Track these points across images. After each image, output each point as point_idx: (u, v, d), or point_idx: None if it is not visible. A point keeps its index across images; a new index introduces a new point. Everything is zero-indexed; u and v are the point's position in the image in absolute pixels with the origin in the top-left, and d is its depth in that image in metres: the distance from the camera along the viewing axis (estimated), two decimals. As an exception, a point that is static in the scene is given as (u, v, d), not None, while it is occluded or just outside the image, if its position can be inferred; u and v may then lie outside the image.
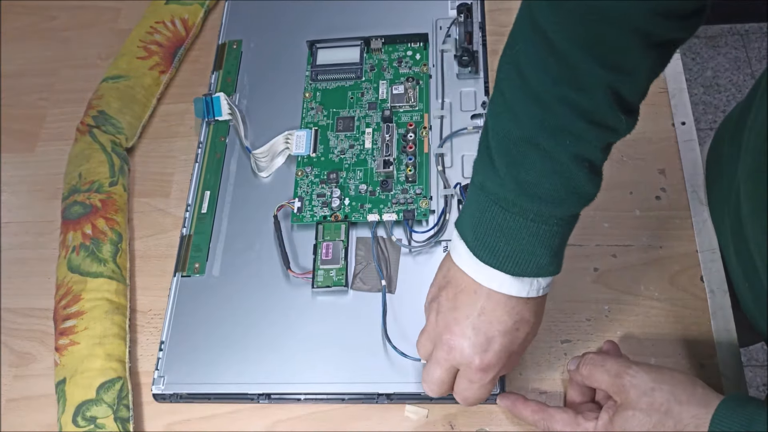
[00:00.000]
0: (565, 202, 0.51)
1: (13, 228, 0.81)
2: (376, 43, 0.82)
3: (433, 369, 0.57)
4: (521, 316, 0.54)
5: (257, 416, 0.66)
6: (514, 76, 0.51)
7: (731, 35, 1.90)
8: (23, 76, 0.92)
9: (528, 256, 0.52)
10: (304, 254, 0.72)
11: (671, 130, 0.75)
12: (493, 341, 0.54)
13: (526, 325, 0.55)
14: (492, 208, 0.52)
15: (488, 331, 0.54)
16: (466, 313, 0.55)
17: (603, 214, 0.72)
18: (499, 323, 0.54)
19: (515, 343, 0.55)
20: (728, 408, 0.51)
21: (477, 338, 0.54)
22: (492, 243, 0.53)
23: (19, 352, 0.73)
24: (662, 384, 0.54)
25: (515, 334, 0.55)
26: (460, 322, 0.55)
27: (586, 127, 0.50)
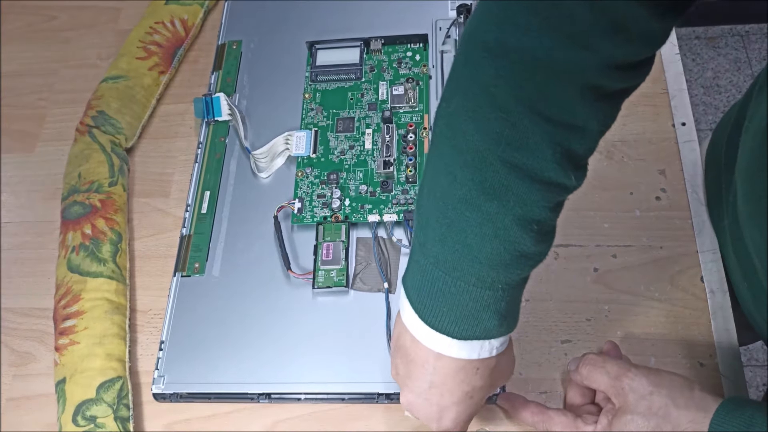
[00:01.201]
0: (510, 266, 0.48)
1: (12, 228, 0.81)
2: (375, 44, 0.82)
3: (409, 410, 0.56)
4: (472, 386, 0.52)
5: (257, 416, 0.66)
6: (450, 134, 0.47)
7: (731, 36, 1.91)
8: (23, 76, 0.92)
9: (473, 321, 0.49)
10: (305, 255, 0.72)
11: (671, 130, 0.75)
12: (446, 411, 0.53)
13: (480, 391, 0.53)
14: (433, 270, 0.49)
15: (440, 403, 0.52)
16: (418, 385, 0.53)
17: (603, 215, 0.72)
18: (451, 395, 0.52)
19: (471, 407, 0.54)
20: (727, 411, 0.51)
21: (430, 409, 0.53)
22: (435, 306, 0.49)
23: (19, 351, 0.73)
24: (661, 388, 0.54)
25: (469, 402, 0.53)
26: (413, 390, 0.53)
27: (530, 188, 0.46)
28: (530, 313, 0.68)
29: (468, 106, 0.46)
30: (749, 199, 0.57)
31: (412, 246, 0.52)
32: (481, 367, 0.52)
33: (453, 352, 0.50)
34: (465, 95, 0.46)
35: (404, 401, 0.55)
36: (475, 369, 0.51)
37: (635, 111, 0.77)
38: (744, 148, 0.58)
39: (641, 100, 0.77)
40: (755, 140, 0.54)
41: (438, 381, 0.52)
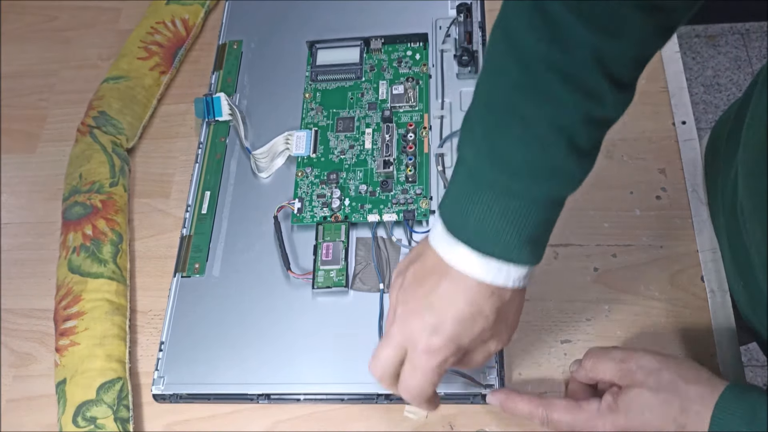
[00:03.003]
0: (539, 179, 0.48)
1: (13, 229, 0.81)
2: (375, 44, 0.82)
3: (383, 345, 0.54)
4: (479, 308, 0.50)
5: (257, 416, 0.66)
6: (500, 38, 0.50)
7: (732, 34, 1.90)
8: (23, 77, 0.92)
9: (495, 233, 0.49)
10: (305, 255, 0.72)
11: (671, 129, 0.75)
12: (443, 324, 0.51)
13: (483, 320, 0.51)
14: (467, 180, 0.50)
15: (441, 313, 0.51)
16: (426, 291, 0.52)
17: (603, 214, 0.72)
18: (455, 308, 0.50)
19: (467, 335, 0.51)
20: (733, 393, 0.50)
21: (429, 318, 0.51)
22: (463, 215, 0.50)
23: (19, 352, 0.73)
24: (669, 365, 0.54)
25: (468, 325, 0.51)
26: (418, 298, 0.52)
27: (566, 91, 0.47)
28: (530, 313, 0.67)
29: (516, 9, 0.49)
30: (752, 194, 0.57)
31: (454, 165, 0.53)
32: (494, 295, 0.51)
33: (472, 269, 0.50)
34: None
35: (401, 311, 0.53)
36: (489, 293, 0.50)
37: (635, 110, 0.76)
38: (747, 144, 0.57)
39: (641, 98, 0.76)
40: (757, 136, 0.54)
41: (450, 290, 0.51)
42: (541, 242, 0.52)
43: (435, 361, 0.51)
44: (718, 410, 0.50)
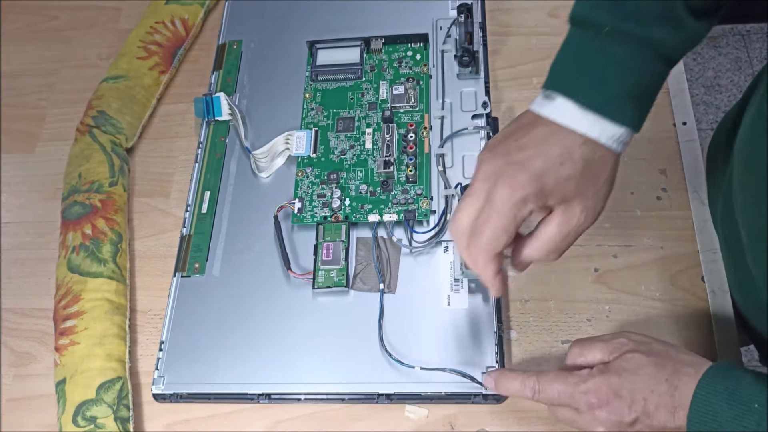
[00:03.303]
0: (650, 23, 0.48)
1: (12, 228, 0.81)
2: (376, 44, 0.81)
3: (463, 198, 0.52)
4: (569, 152, 0.49)
5: (257, 416, 0.66)
6: None
7: (732, 35, 1.90)
8: (23, 76, 0.92)
9: (596, 84, 0.49)
10: (305, 255, 0.72)
11: (672, 130, 0.75)
12: (530, 160, 0.49)
13: (571, 165, 0.49)
14: (576, 35, 0.51)
15: (530, 150, 0.49)
16: (517, 137, 0.50)
17: (604, 214, 0.70)
18: (545, 146, 0.49)
19: (552, 175, 0.49)
20: (716, 371, 0.50)
21: (516, 155, 0.50)
22: (567, 69, 0.51)
23: (19, 352, 0.73)
24: (658, 340, 0.54)
25: (556, 166, 0.49)
26: (507, 144, 0.51)
27: None
28: (531, 313, 0.67)
29: None
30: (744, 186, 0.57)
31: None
32: (586, 145, 0.50)
33: (569, 119, 0.50)
34: None
35: (484, 155, 0.52)
36: (582, 141, 0.49)
37: (636, 110, 0.77)
38: (742, 133, 0.57)
39: (642, 99, 0.77)
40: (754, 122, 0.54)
41: (543, 133, 0.50)
42: (641, 104, 0.51)
43: (516, 197, 0.49)
44: (701, 387, 0.49)
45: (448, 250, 0.70)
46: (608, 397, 0.51)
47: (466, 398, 0.63)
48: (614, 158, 0.51)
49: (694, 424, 0.49)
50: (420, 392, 0.63)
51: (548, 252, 0.52)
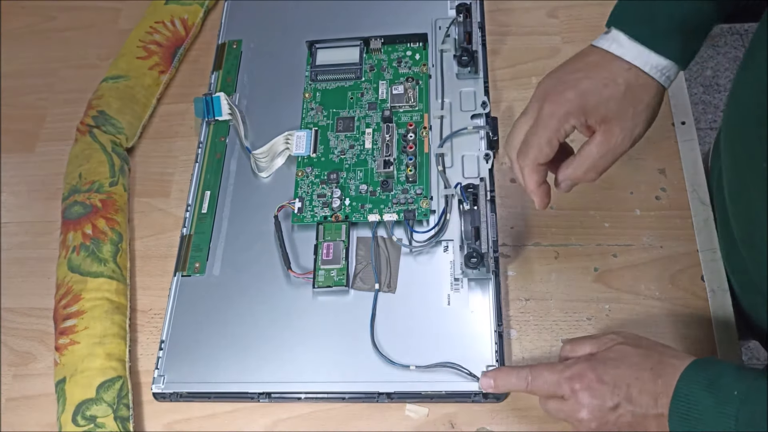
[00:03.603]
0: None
1: (13, 228, 0.81)
2: (375, 44, 0.82)
3: (519, 117, 0.58)
4: (614, 76, 0.54)
5: (258, 415, 0.66)
6: None
7: (731, 35, 1.90)
8: (23, 76, 0.92)
9: (646, 15, 0.54)
10: (305, 254, 0.72)
11: (671, 129, 0.75)
12: (578, 81, 0.55)
13: (613, 87, 0.54)
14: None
15: (579, 74, 0.55)
16: (573, 62, 0.57)
17: (603, 214, 0.72)
18: (594, 70, 0.55)
19: (595, 94, 0.54)
20: (698, 364, 0.51)
21: (565, 75, 0.56)
22: (625, 5, 0.56)
23: (19, 351, 0.73)
24: (649, 339, 0.56)
25: (599, 86, 0.54)
26: (563, 68, 0.57)
27: None
28: (531, 313, 0.68)
29: None
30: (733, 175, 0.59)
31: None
32: (631, 71, 0.54)
33: (620, 48, 0.55)
34: None
35: (542, 82, 0.57)
36: (628, 67, 0.54)
37: (635, 110, 0.77)
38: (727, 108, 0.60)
39: (641, 99, 0.77)
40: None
41: (593, 58, 0.56)
42: (687, 40, 0.55)
43: (560, 111, 0.54)
44: (684, 376, 0.50)
45: (448, 250, 0.70)
46: (591, 382, 0.53)
47: (466, 397, 0.63)
48: (657, 87, 0.55)
49: (675, 410, 0.50)
50: (420, 391, 0.63)
51: (587, 169, 0.55)
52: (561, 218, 0.72)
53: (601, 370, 0.53)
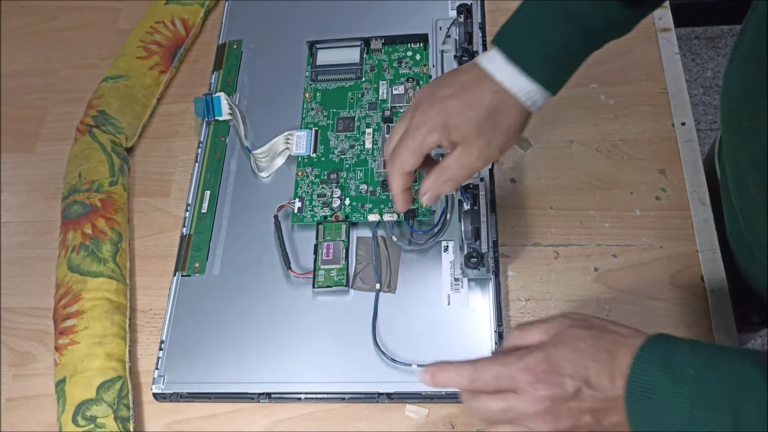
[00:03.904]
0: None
1: (12, 228, 0.81)
2: (376, 44, 0.82)
3: (397, 120, 0.61)
4: (480, 98, 0.57)
5: (258, 415, 0.66)
6: None
7: (731, 36, 1.90)
8: (23, 76, 0.92)
9: (522, 39, 0.57)
10: (305, 254, 0.72)
11: (671, 130, 0.75)
12: (447, 100, 0.58)
13: (477, 109, 0.57)
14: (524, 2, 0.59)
15: (450, 91, 0.58)
16: (449, 77, 0.60)
17: (603, 214, 0.72)
18: (463, 89, 0.57)
19: (457, 115, 0.57)
20: (653, 341, 0.50)
21: (438, 91, 0.58)
22: (506, 26, 0.58)
23: (19, 351, 0.73)
24: (598, 317, 0.54)
25: (464, 107, 0.57)
26: (438, 82, 0.60)
27: None
28: (530, 313, 0.68)
29: None
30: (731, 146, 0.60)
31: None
32: (498, 95, 0.57)
33: (494, 67, 0.57)
34: None
35: (418, 92, 0.61)
36: (495, 90, 0.57)
37: (635, 111, 0.77)
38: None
39: (641, 99, 0.77)
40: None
41: (466, 77, 0.58)
42: (557, 68, 0.57)
43: (426, 125, 0.58)
44: (638, 356, 0.49)
45: (448, 250, 0.70)
46: (548, 372, 0.50)
47: (466, 397, 0.63)
48: (522, 112, 0.58)
49: (631, 392, 0.48)
50: (420, 391, 0.63)
51: (445, 180, 0.59)
52: (561, 218, 0.72)
53: (556, 357, 0.50)
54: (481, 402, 0.52)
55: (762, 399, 0.44)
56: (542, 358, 0.50)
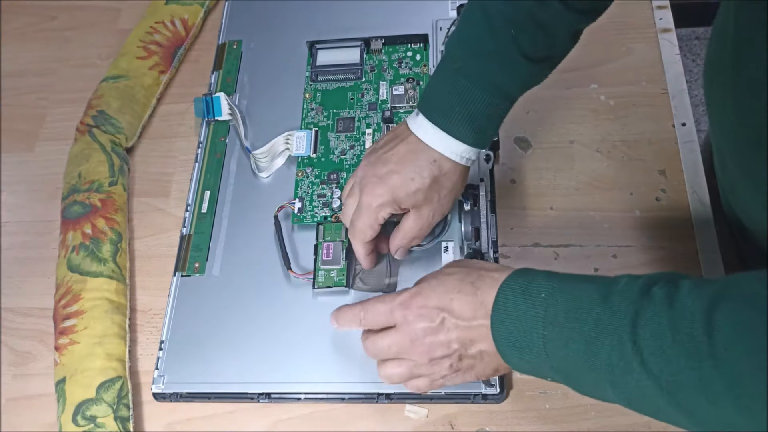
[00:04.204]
0: (490, 62, 0.59)
1: (12, 228, 0.81)
2: (376, 44, 0.82)
3: (347, 197, 0.65)
4: (420, 170, 0.60)
5: (257, 416, 0.66)
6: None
7: (730, 37, 1.90)
8: (23, 76, 0.92)
9: (446, 108, 0.60)
10: (305, 255, 0.72)
11: (672, 131, 0.75)
12: (389, 176, 0.61)
13: (420, 181, 0.60)
14: (439, 66, 0.62)
15: (390, 167, 0.61)
16: (388, 147, 0.63)
17: (603, 215, 0.72)
18: (402, 164, 0.61)
19: (403, 190, 0.60)
20: (518, 272, 0.54)
21: (380, 168, 0.62)
22: (430, 93, 0.62)
23: (19, 351, 0.73)
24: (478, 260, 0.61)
25: (408, 182, 0.60)
26: (378, 153, 0.63)
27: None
28: (530, 313, 0.68)
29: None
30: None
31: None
32: (435, 164, 0.61)
33: (426, 135, 0.61)
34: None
35: (363, 166, 0.64)
36: (432, 160, 0.61)
37: (635, 111, 0.77)
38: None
39: (641, 100, 0.77)
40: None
41: (402, 152, 0.62)
42: (481, 128, 0.60)
43: (375, 203, 0.61)
44: (502, 285, 0.53)
45: (448, 251, 0.70)
46: (418, 305, 0.55)
47: (466, 398, 0.63)
48: (460, 170, 0.62)
49: (495, 319, 0.52)
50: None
51: (410, 239, 0.64)
52: (561, 219, 0.72)
53: (426, 291, 0.56)
54: (370, 341, 0.59)
55: (602, 318, 0.47)
56: (414, 292, 0.56)
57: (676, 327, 0.43)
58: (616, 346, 0.46)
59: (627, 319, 0.45)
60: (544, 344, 0.49)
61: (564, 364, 0.49)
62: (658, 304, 0.45)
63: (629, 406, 0.48)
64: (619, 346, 0.45)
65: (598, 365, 0.47)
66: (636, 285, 0.47)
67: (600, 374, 0.47)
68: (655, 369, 0.44)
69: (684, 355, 0.43)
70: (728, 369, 0.41)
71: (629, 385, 0.46)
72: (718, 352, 0.41)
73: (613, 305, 0.47)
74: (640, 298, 0.46)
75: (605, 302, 0.47)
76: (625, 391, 0.46)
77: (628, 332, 0.45)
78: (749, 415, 0.41)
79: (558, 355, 0.49)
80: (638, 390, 0.46)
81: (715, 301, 0.42)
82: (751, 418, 0.41)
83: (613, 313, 0.46)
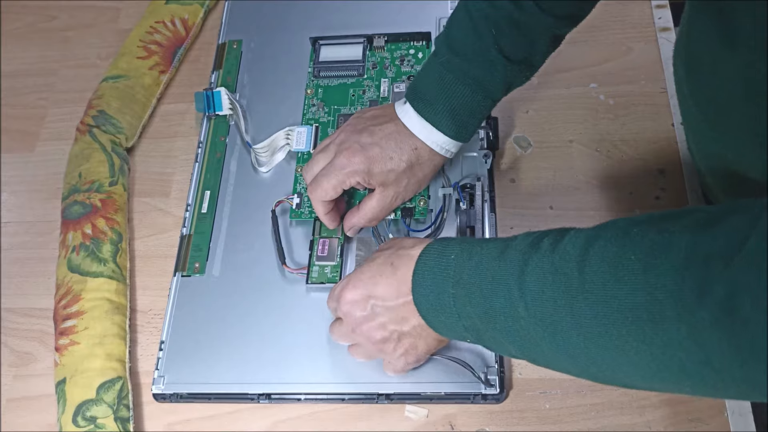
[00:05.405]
0: (472, 61, 0.62)
1: (12, 228, 0.81)
2: (378, 41, 0.81)
3: (318, 151, 0.68)
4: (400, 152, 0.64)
5: (257, 416, 0.66)
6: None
7: (731, 34, 1.90)
8: (23, 76, 0.92)
9: (431, 99, 0.63)
10: (301, 250, 0.72)
11: (671, 130, 0.75)
12: (369, 147, 0.64)
13: (397, 162, 0.64)
14: (428, 60, 0.66)
15: (373, 140, 0.64)
16: (377, 122, 0.66)
17: (603, 214, 0.72)
18: (386, 140, 0.64)
19: (378, 165, 0.64)
20: (436, 241, 0.56)
21: (364, 137, 0.65)
22: (417, 82, 0.65)
23: (19, 352, 0.73)
24: (401, 238, 0.61)
25: (385, 159, 0.64)
26: (366, 123, 0.66)
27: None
28: (530, 313, 0.67)
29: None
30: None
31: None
32: (415, 151, 0.64)
33: (410, 121, 0.64)
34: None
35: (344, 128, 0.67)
36: (414, 147, 0.65)
37: (635, 111, 0.77)
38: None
39: (641, 99, 0.77)
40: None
41: (388, 130, 0.65)
42: (463, 122, 0.64)
43: (347, 168, 0.64)
44: (421, 255, 0.55)
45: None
46: (349, 297, 0.58)
47: (466, 398, 0.63)
48: (435, 163, 0.67)
49: (416, 290, 0.54)
50: (420, 392, 0.63)
51: (369, 220, 0.67)
52: (560, 218, 0.72)
53: (354, 282, 0.58)
54: (330, 330, 0.64)
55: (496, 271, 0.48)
56: (344, 284, 0.59)
57: (555, 269, 0.45)
58: (506, 295, 0.47)
59: (516, 269, 0.47)
60: (454, 303, 0.51)
61: (471, 322, 0.51)
62: (543, 251, 0.46)
63: (527, 357, 0.50)
64: (508, 295, 0.47)
65: (496, 318, 0.48)
66: (528, 238, 0.49)
67: (498, 327, 0.49)
68: (538, 312, 0.46)
69: (560, 293, 0.44)
70: (595, 299, 0.42)
71: (520, 333, 0.47)
72: (587, 286, 0.43)
73: (507, 258, 0.48)
74: (529, 249, 0.47)
75: (501, 257, 0.49)
76: (518, 340, 0.48)
77: (515, 280, 0.47)
78: (620, 350, 0.42)
79: (465, 313, 0.51)
80: (528, 337, 0.47)
81: (590, 240, 0.44)
82: (623, 353, 0.42)
83: (506, 266, 0.48)
